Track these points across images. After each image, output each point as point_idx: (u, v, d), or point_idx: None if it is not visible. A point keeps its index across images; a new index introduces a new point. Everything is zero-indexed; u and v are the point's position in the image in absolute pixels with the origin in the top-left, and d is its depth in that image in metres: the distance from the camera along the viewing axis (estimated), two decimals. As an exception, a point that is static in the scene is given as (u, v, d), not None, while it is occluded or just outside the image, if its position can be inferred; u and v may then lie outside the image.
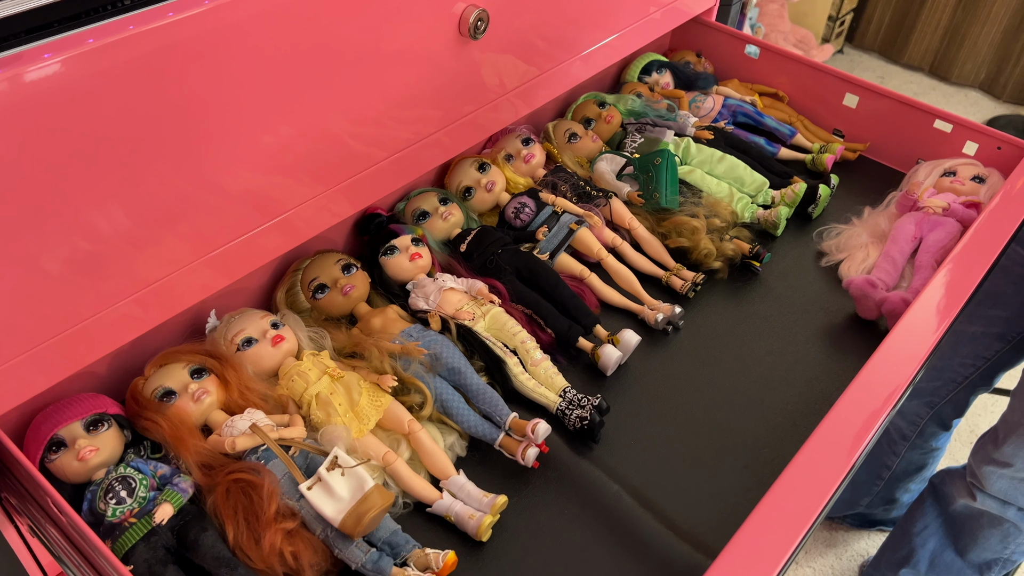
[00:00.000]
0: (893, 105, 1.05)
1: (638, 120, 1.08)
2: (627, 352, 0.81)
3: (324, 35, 0.65)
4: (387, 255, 0.83)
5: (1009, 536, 1.21)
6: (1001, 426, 1.13)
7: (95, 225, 0.58)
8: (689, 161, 1.03)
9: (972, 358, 1.17)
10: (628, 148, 1.04)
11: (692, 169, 1.01)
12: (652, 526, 0.68)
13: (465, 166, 0.94)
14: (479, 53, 0.81)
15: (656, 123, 1.07)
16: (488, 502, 0.67)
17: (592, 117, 1.06)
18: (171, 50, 0.56)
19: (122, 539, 0.59)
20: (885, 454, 1.34)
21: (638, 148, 1.03)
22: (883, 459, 1.35)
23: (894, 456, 1.33)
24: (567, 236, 0.90)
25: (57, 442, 0.62)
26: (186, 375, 0.68)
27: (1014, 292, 1.10)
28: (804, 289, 0.92)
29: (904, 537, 1.37)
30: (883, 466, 1.36)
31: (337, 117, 0.71)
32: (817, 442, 0.62)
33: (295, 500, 0.63)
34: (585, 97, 1.09)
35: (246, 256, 0.70)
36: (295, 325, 0.75)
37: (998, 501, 1.17)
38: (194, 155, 0.62)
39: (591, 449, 0.74)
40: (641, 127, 1.07)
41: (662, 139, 1.03)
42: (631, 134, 1.06)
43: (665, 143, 1.02)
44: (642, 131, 1.06)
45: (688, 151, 1.03)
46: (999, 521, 1.20)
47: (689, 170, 1.01)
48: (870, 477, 1.39)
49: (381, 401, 0.71)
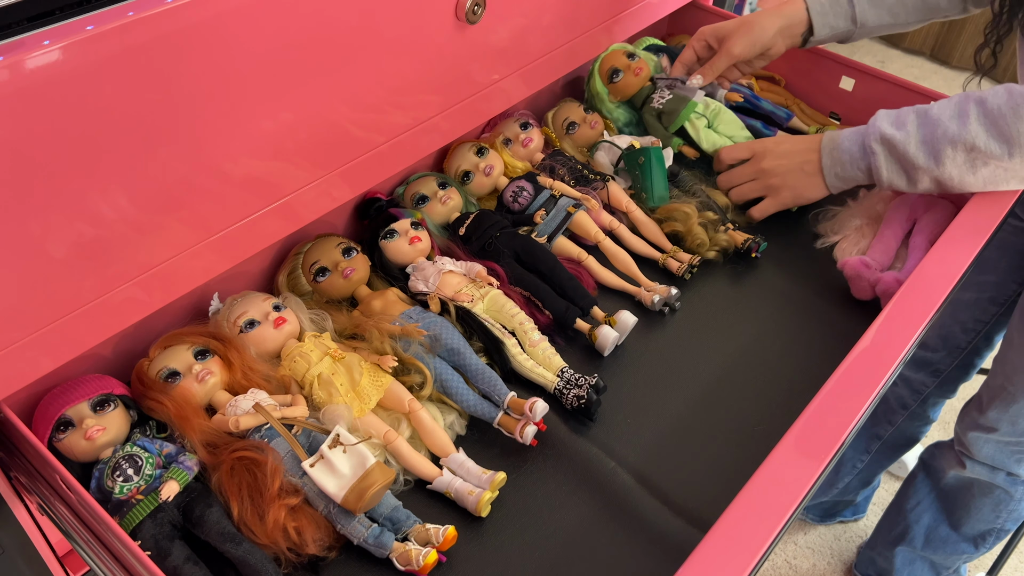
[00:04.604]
0: (889, 88, 1.06)
1: (668, 77, 1.05)
2: (624, 333, 0.82)
3: (323, 21, 0.66)
4: (387, 239, 0.84)
5: (1001, 503, 1.23)
6: (984, 391, 1.15)
7: (98, 210, 0.59)
8: (717, 127, 1.02)
9: (972, 322, 1.19)
10: (656, 103, 1.01)
11: (720, 136, 1.01)
12: (647, 501, 0.69)
13: (463, 150, 0.95)
14: (477, 37, 0.81)
15: (685, 81, 1.03)
16: (487, 479, 0.68)
17: (620, 68, 1.03)
18: (172, 37, 0.57)
19: (129, 515, 0.60)
20: (879, 424, 1.36)
21: (665, 106, 1.00)
22: (875, 430, 1.37)
23: (889, 426, 1.35)
24: (565, 219, 0.91)
25: (65, 422, 0.63)
26: (190, 356, 0.69)
27: (999, 257, 1.12)
28: (800, 270, 0.93)
29: (898, 515, 1.39)
30: (874, 437, 1.38)
31: (336, 102, 0.72)
32: (808, 419, 0.64)
33: (298, 477, 0.64)
34: (614, 48, 1.05)
35: (247, 240, 0.71)
36: (297, 307, 0.77)
37: (987, 467, 1.19)
38: (195, 140, 0.63)
39: (588, 427, 0.75)
40: (671, 83, 1.03)
41: (691, 98, 1.00)
42: (660, 89, 1.03)
43: (693, 103, 1.00)
44: (671, 87, 1.02)
45: (718, 115, 1.03)
46: (990, 488, 1.22)
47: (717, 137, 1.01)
48: (857, 452, 1.41)
49: (382, 381, 0.72)
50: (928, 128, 0.83)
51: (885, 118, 0.86)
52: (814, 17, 0.98)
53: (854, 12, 0.98)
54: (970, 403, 1.20)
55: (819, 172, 0.91)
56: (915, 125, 0.84)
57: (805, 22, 0.98)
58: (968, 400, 1.21)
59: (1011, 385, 1.09)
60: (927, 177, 0.85)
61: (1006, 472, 1.19)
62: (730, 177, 0.98)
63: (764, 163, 0.94)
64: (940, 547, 1.35)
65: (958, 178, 0.84)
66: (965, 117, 0.81)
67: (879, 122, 0.86)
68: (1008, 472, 1.19)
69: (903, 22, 1.00)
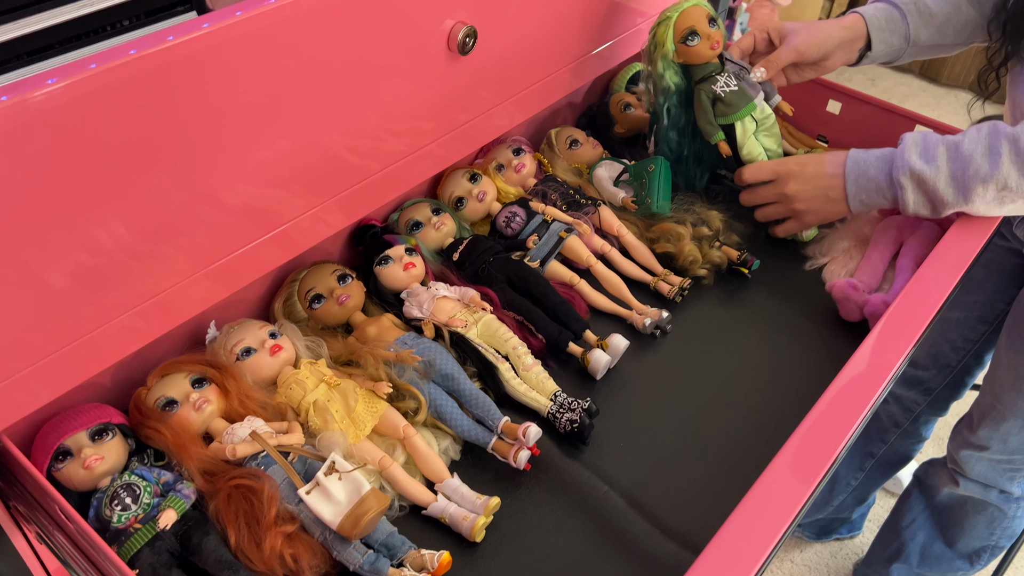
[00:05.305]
0: (874, 111, 1.08)
1: (737, 62, 0.99)
2: (616, 356, 0.83)
3: (319, 52, 0.68)
4: (382, 265, 0.86)
5: (994, 521, 1.23)
6: (975, 410, 1.16)
7: (98, 240, 0.60)
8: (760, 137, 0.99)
9: (962, 341, 1.20)
10: (719, 89, 0.95)
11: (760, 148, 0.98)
12: (640, 524, 0.70)
13: (457, 177, 0.96)
14: (469, 67, 0.83)
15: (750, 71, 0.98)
16: (481, 504, 0.69)
17: (700, 33, 0.93)
18: (170, 69, 0.58)
19: (127, 544, 0.61)
20: (872, 442, 1.37)
21: (727, 95, 0.94)
22: (869, 448, 1.38)
23: (882, 444, 1.36)
24: (557, 244, 0.93)
25: (64, 451, 0.64)
26: (187, 385, 0.70)
27: (986, 276, 1.13)
28: (789, 292, 0.94)
29: (893, 532, 1.40)
30: (868, 455, 1.38)
31: (332, 131, 0.73)
32: (798, 440, 0.65)
33: (294, 504, 0.65)
34: (696, 3, 0.95)
35: (245, 268, 0.73)
36: (293, 334, 0.78)
37: (980, 485, 1.20)
38: (194, 170, 0.64)
39: (581, 451, 0.76)
40: (740, 72, 0.98)
41: (754, 97, 0.96)
42: (727, 75, 0.96)
43: (754, 103, 0.96)
44: (740, 77, 0.97)
45: (768, 126, 0.99)
46: (983, 506, 1.23)
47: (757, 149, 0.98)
48: (851, 470, 1.42)
49: (377, 407, 0.73)
50: (959, 164, 0.82)
51: (913, 148, 0.85)
52: (873, 33, 0.97)
53: (908, 30, 0.98)
54: (961, 422, 1.21)
55: (843, 198, 0.91)
56: (945, 159, 0.83)
57: (864, 37, 0.98)
58: (960, 418, 1.22)
59: (1000, 404, 1.10)
60: (953, 210, 0.85)
61: (999, 490, 1.19)
62: (753, 197, 0.97)
63: (788, 188, 0.93)
64: (935, 564, 1.36)
65: (984, 211, 0.85)
66: (997, 156, 0.80)
67: (908, 154, 0.85)
68: (1001, 490, 1.19)
69: (949, 43, 1.01)
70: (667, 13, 0.95)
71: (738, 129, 0.97)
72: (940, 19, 0.98)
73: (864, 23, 0.98)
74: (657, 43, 0.96)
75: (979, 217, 0.87)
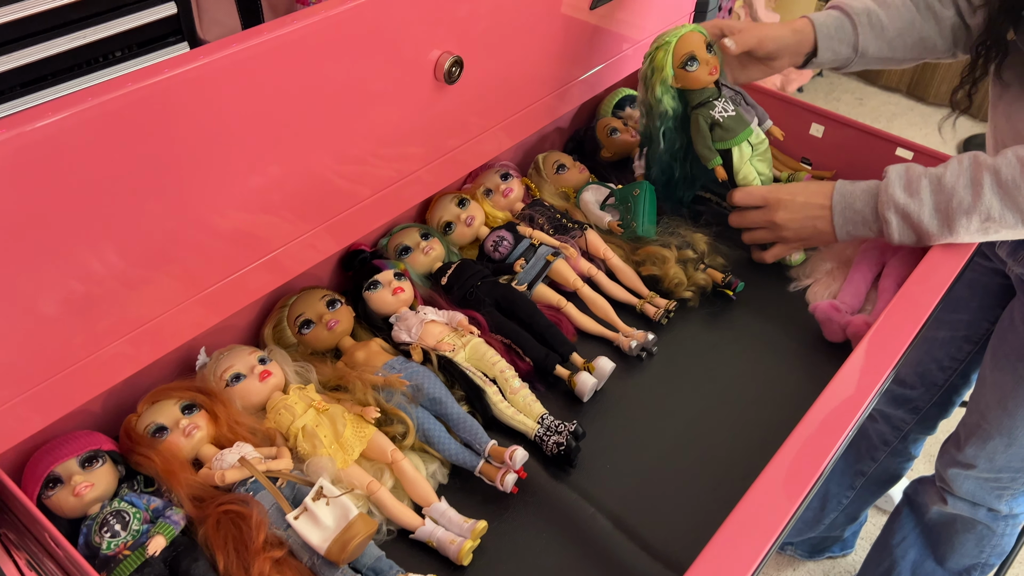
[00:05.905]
0: (857, 134, 1.10)
1: (732, 86, 1.01)
2: (602, 379, 0.84)
3: (308, 83, 0.69)
4: (370, 290, 0.87)
5: (984, 539, 1.24)
6: (961, 429, 1.17)
7: (90, 268, 0.61)
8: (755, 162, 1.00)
9: (949, 360, 1.22)
10: (717, 114, 0.96)
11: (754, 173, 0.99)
12: (626, 546, 0.70)
13: (445, 202, 0.98)
14: (456, 95, 0.84)
15: (749, 102, 1.01)
16: (468, 527, 0.70)
17: (699, 59, 0.94)
18: (162, 98, 0.59)
19: (117, 571, 0.61)
20: (863, 461, 1.37)
21: (725, 120, 0.96)
22: (859, 466, 1.38)
23: (872, 462, 1.37)
24: (544, 267, 0.94)
25: (54, 479, 0.64)
26: (177, 411, 0.71)
27: (970, 296, 1.15)
28: (774, 314, 0.96)
29: (884, 550, 1.40)
30: (858, 474, 1.39)
31: (323, 158, 0.75)
32: (781, 460, 0.65)
33: (283, 529, 0.66)
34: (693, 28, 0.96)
35: (236, 294, 0.74)
36: (282, 360, 0.78)
37: (968, 503, 1.21)
38: (185, 198, 0.65)
39: (568, 473, 0.77)
40: (737, 99, 1.00)
41: (750, 122, 0.98)
42: (725, 99, 0.97)
43: (750, 129, 0.97)
44: (737, 103, 0.99)
45: (762, 151, 1.00)
46: (972, 524, 1.23)
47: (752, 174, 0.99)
48: (842, 488, 1.42)
49: (365, 432, 0.74)
50: (942, 196, 0.84)
51: (897, 181, 0.86)
52: (820, 40, 0.99)
53: (857, 40, 0.99)
54: (949, 440, 1.22)
55: (831, 228, 0.92)
56: (928, 192, 0.85)
57: (811, 42, 1.00)
58: (947, 438, 1.23)
59: (986, 422, 1.11)
60: (939, 241, 0.87)
61: (987, 508, 1.20)
62: (742, 219, 0.99)
63: (777, 216, 0.95)
64: (926, 582, 1.36)
65: (970, 241, 0.86)
66: (979, 187, 0.82)
67: (892, 188, 0.86)
68: (989, 508, 1.20)
69: (900, 57, 1.02)
70: (665, 38, 0.96)
71: (735, 154, 0.98)
72: (891, 34, 1.00)
73: (813, 29, 0.99)
74: (655, 68, 0.96)
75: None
